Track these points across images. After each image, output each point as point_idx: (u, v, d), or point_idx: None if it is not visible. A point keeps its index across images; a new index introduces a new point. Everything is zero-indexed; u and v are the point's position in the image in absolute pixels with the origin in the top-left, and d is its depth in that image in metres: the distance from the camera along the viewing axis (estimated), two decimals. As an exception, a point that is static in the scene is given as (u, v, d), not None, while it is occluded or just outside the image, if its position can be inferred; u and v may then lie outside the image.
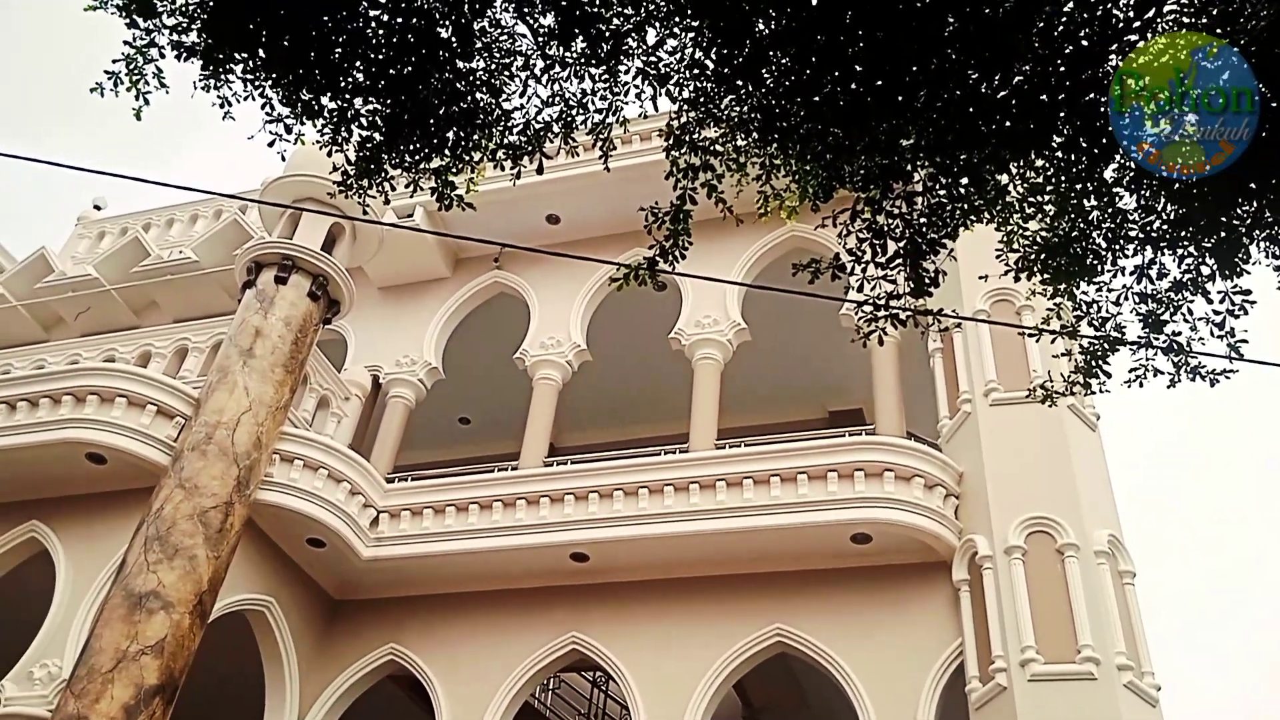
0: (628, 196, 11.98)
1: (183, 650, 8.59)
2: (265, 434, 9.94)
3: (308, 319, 10.94)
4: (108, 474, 9.99)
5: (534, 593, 10.67)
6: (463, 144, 4.58)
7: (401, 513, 11.01)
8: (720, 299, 12.12)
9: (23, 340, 15.16)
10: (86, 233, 17.80)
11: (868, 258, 4.65)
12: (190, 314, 14.23)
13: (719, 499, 9.93)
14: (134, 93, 4.45)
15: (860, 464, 9.66)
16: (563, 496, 10.49)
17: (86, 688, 8.11)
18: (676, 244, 4.91)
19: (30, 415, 10.15)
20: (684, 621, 10.00)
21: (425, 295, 13.92)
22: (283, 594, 10.55)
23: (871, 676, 9.14)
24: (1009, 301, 10.27)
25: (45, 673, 8.83)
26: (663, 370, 13.48)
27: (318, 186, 11.39)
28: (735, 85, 4.37)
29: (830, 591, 9.80)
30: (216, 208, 16.46)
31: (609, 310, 13.09)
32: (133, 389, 10.02)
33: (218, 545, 9.11)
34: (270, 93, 4.42)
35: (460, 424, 16.00)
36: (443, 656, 10.53)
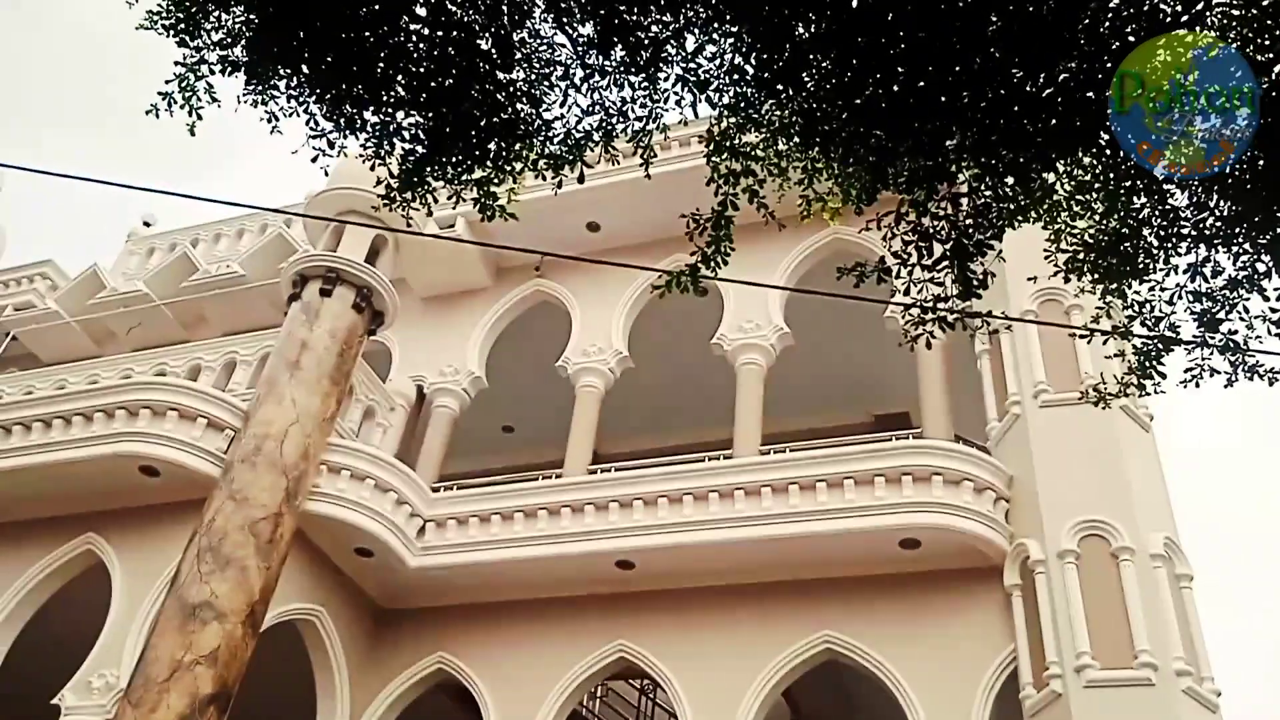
0: (668, 202, 11.97)
1: (236, 660, 8.71)
2: (312, 445, 10.05)
3: (352, 330, 11.06)
4: (160, 486, 10.16)
5: (580, 600, 10.67)
6: (504, 155, 4.60)
7: (447, 522, 11.07)
8: (762, 303, 12.07)
9: (76, 356, 15.49)
10: (136, 249, 18.15)
11: (913, 260, 4.60)
12: (238, 327, 14.44)
13: (764, 505, 9.87)
14: (187, 110, 4.54)
15: (908, 468, 9.55)
16: (607, 504, 10.49)
17: (143, 697, 8.24)
18: (719, 250, 4.89)
19: (85, 429, 10.35)
20: (731, 629, 9.95)
21: (468, 305, 14.02)
22: (332, 603, 10.66)
23: (922, 683, 9.02)
24: (1057, 301, 10.12)
25: (103, 682, 8.99)
26: (705, 376, 13.44)
27: (361, 199, 11.52)
28: (776, 90, 4.35)
29: (879, 598, 9.69)
30: (262, 222, 16.70)
31: (650, 316, 13.08)
32: (183, 402, 10.19)
33: (268, 556, 9.22)
34: (314, 108, 4.47)
35: (504, 432, 16.07)
36: (490, 665, 10.57)
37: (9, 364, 16.25)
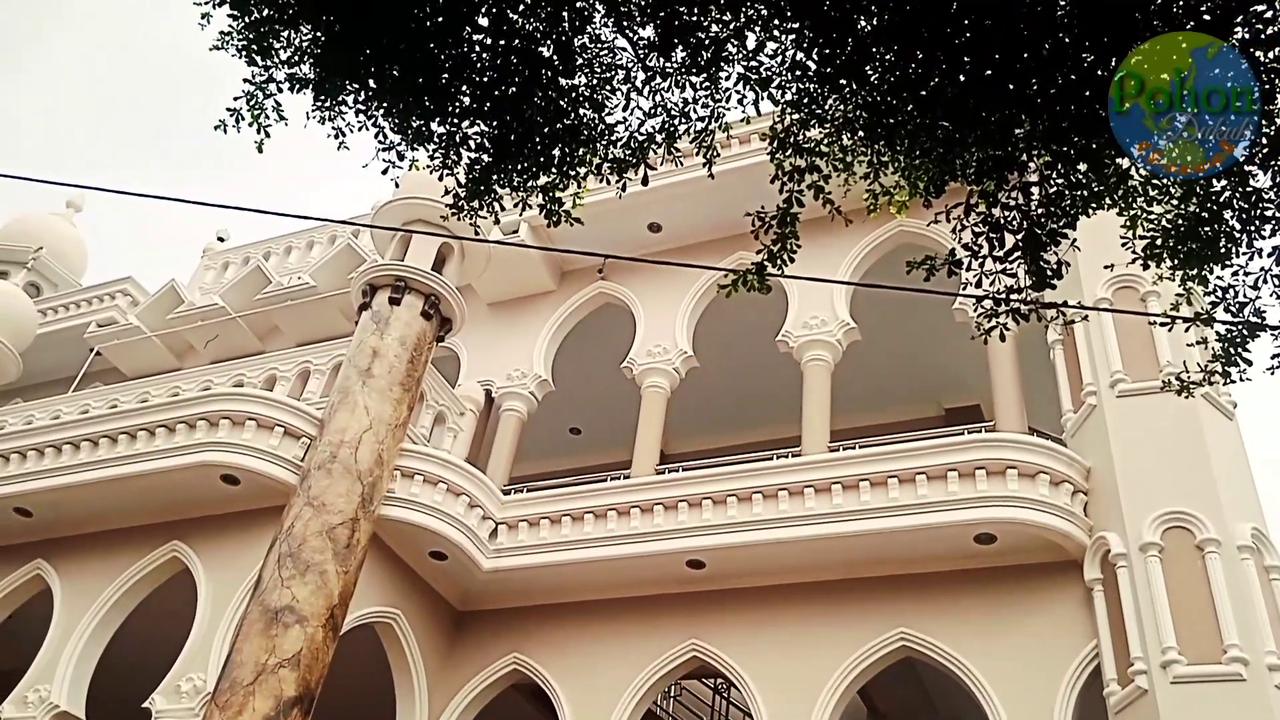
0: (730, 201, 12.00)
1: (317, 663, 8.90)
2: (386, 451, 10.23)
3: (422, 338, 11.23)
4: (241, 494, 10.43)
5: (652, 600, 10.69)
6: (568, 160, 4.64)
7: (519, 524, 11.18)
8: (828, 299, 11.97)
9: (157, 369, 15.97)
10: (212, 264, 18.66)
11: (985, 252, 4.53)
12: (311, 337, 14.76)
13: (835, 503, 9.79)
14: (255, 127, 4.65)
15: (981, 462, 9.40)
16: (676, 504, 10.49)
17: (230, 700, 8.46)
18: (784, 248, 4.87)
19: (168, 440, 10.67)
20: (805, 627, 9.89)
21: (533, 309, 14.14)
22: (409, 606, 10.83)
23: (1002, 680, 8.87)
24: (1133, 288, 9.86)
25: (191, 686, 9.26)
26: (771, 373, 13.38)
27: (427, 208, 11.69)
28: (839, 84, 4.31)
29: (955, 594, 9.55)
30: (331, 233, 17.05)
31: (714, 315, 13.06)
32: (261, 412, 10.44)
33: (346, 560, 9.41)
34: (382, 121, 4.55)
35: (571, 434, 16.18)
36: (565, 665, 10.65)
37: (93, 379, 16.82)
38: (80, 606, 10.63)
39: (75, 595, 10.80)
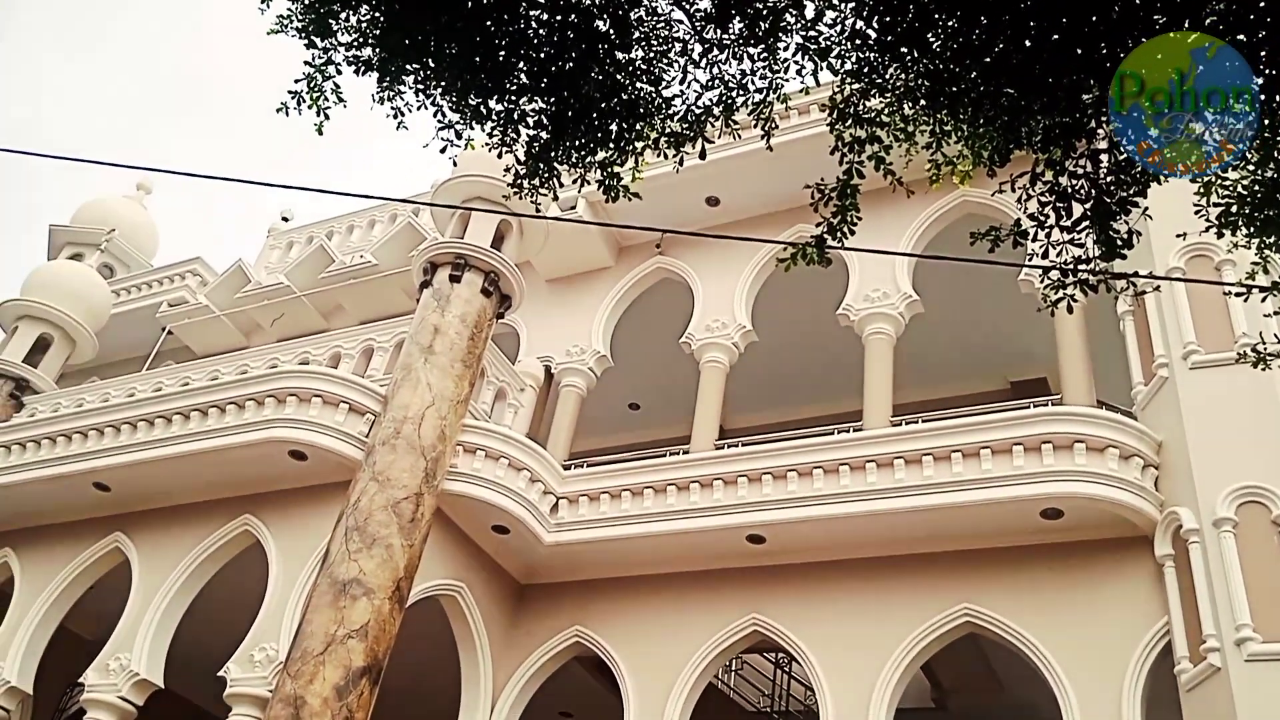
0: (788, 173, 11.86)
1: (385, 634, 9.09)
2: (448, 427, 10.36)
3: (482, 314, 11.33)
4: (308, 469, 10.65)
5: (712, 574, 10.72)
6: (625, 135, 4.63)
7: (579, 498, 11.27)
8: (889, 271, 11.81)
9: (227, 347, 16.34)
10: (277, 243, 19.01)
11: (1051, 222, 4.42)
12: (374, 315, 14.97)
13: (897, 477, 9.70)
14: (315, 109, 4.71)
15: (1048, 436, 9.22)
16: (736, 479, 10.48)
17: (301, 669, 8.69)
18: (845, 220, 4.81)
19: (238, 417, 10.92)
20: (866, 602, 9.84)
21: (591, 285, 14.17)
22: (472, 579, 11.00)
23: (1070, 657, 8.74)
24: (1206, 257, 9.56)
25: (264, 655, 9.52)
26: (832, 347, 13.26)
27: (486, 186, 11.76)
28: (900, 53, 4.23)
29: (1021, 569, 9.42)
30: (392, 212, 17.25)
31: (773, 289, 12.97)
32: (327, 389, 10.64)
33: (410, 534, 9.58)
34: (440, 100, 4.58)
35: (630, 409, 16.23)
36: (626, 638, 10.74)
37: (165, 357, 17.29)
38: (157, 578, 10.97)
39: (152, 567, 11.15)
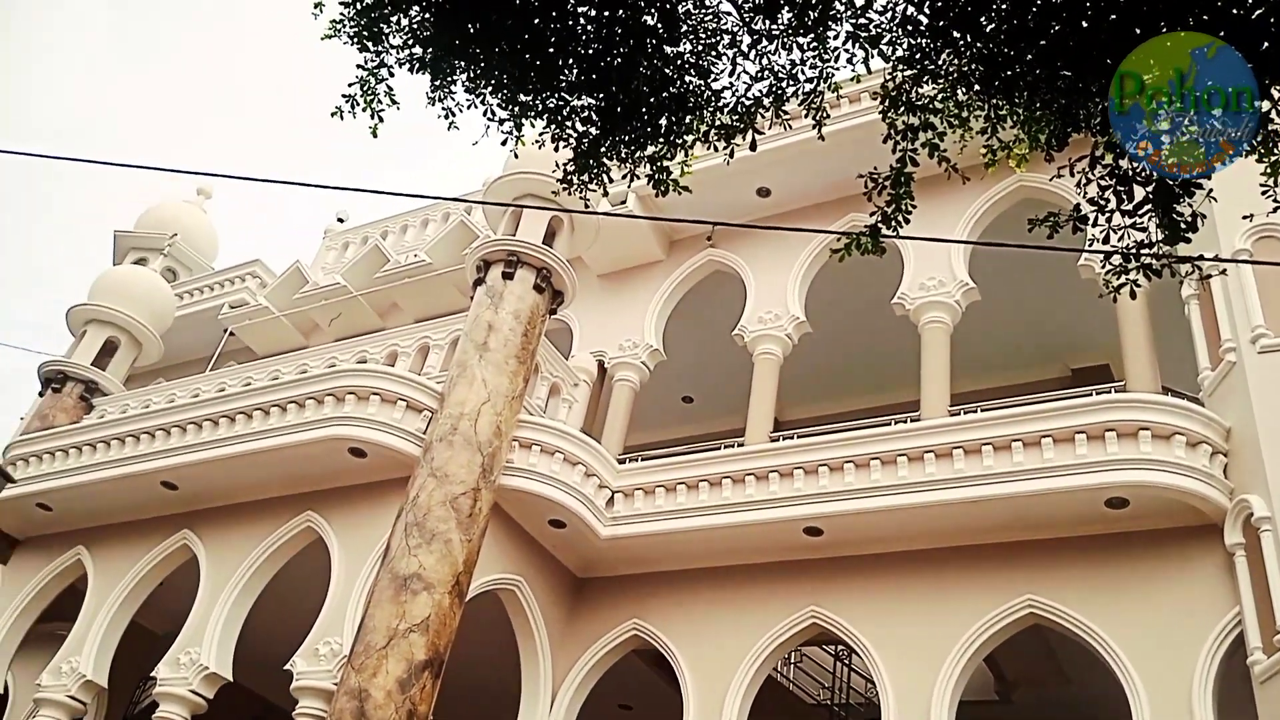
0: (840, 162, 11.76)
1: (445, 628, 9.21)
2: (504, 422, 10.45)
3: (535, 311, 11.40)
4: (368, 466, 10.80)
5: (770, 567, 10.68)
6: (675, 129, 4.62)
7: (635, 492, 11.29)
8: (945, 259, 11.64)
9: (286, 347, 16.64)
10: (333, 244, 19.30)
11: (1112, 206, 4.32)
12: (429, 313, 15.14)
13: (956, 468, 9.57)
14: (369, 112, 4.78)
15: (1111, 424, 9.03)
16: (791, 471, 10.42)
17: (364, 663, 8.84)
18: (899, 208, 4.75)
19: (299, 416, 11.11)
20: (927, 594, 9.73)
21: (642, 279, 14.18)
22: (530, 573, 11.08)
23: (1137, 648, 8.56)
24: (1274, 238, 9.28)
25: (328, 649, 9.68)
26: (887, 337, 13.13)
27: (537, 183, 11.81)
28: (952, 37, 4.17)
29: (1086, 560, 9.24)
30: (445, 211, 17.42)
31: (827, 279, 12.86)
32: (384, 386, 10.78)
33: (469, 529, 9.68)
34: (490, 99, 4.61)
35: (683, 403, 16.22)
36: (684, 631, 10.74)
37: (227, 358, 17.65)
38: (224, 574, 11.21)
39: (219, 563, 11.40)
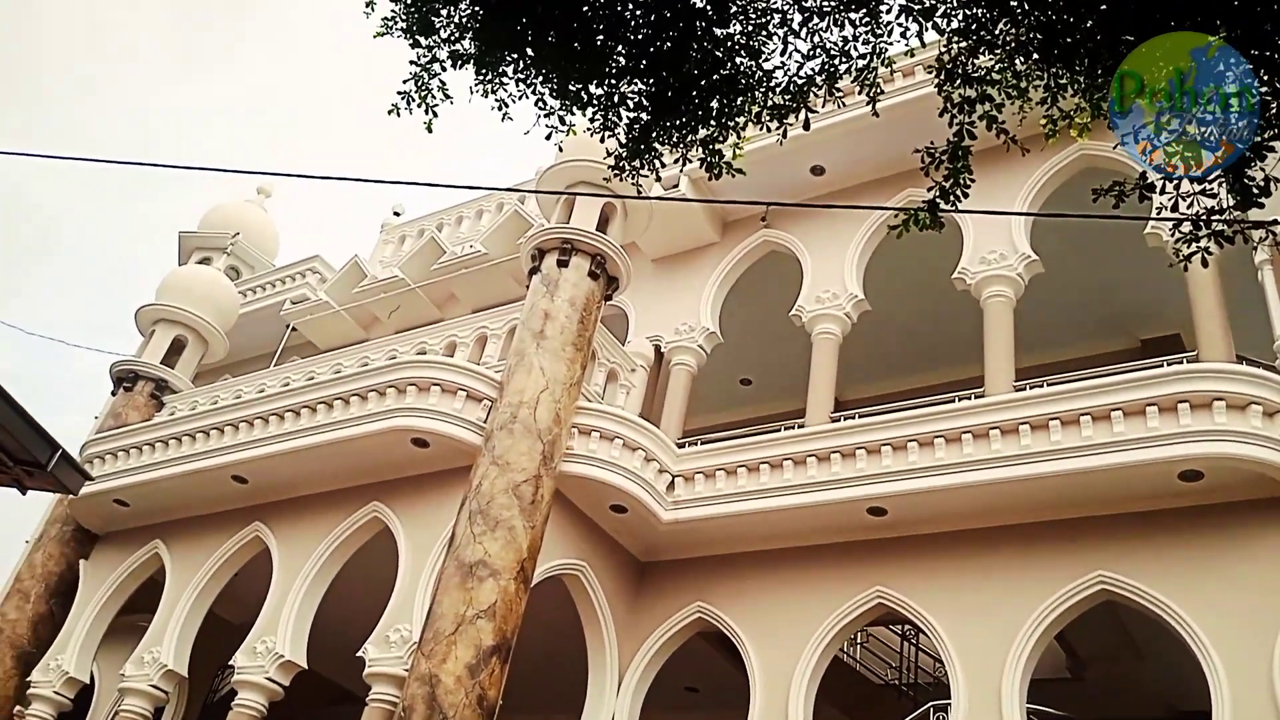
0: (896, 137, 11.58)
1: (512, 613, 9.31)
2: (563, 410, 10.51)
3: (590, 298, 11.43)
4: (431, 456, 10.94)
5: (834, 548, 10.61)
6: (727, 111, 4.58)
7: (695, 476, 11.28)
8: (1006, 232, 11.42)
9: (347, 341, 16.90)
10: (390, 238, 19.54)
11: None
12: (485, 303, 15.25)
13: (1023, 444, 9.41)
14: (424, 108, 4.81)
15: (1184, 395, 8.80)
16: (854, 451, 10.33)
17: (434, 649, 8.98)
18: (957, 183, 4.67)
19: (362, 408, 11.29)
20: (994, 572, 9.60)
21: (697, 262, 14.13)
22: (594, 558, 11.15)
23: (1214, 623, 8.35)
24: (1353, 198, 8.96)
25: (399, 636, 9.85)
26: (949, 313, 12.93)
27: (589, 169, 11.82)
28: (1009, 6, 4.07)
29: (1159, 534, 9.04)
30: (499, 201, 17.52)
31: (884, 256, 12.70)
32: (444, 377, 10.90)
33: (532, 516, 9.77)
34: (541, 88, 4.62)
35: (742, 385, 16.17)
36: (749, 613, 10.73)
37: (290, 353, 17.98)
38: (296, 564, 11.45)
39: (291, 554, 11.65)
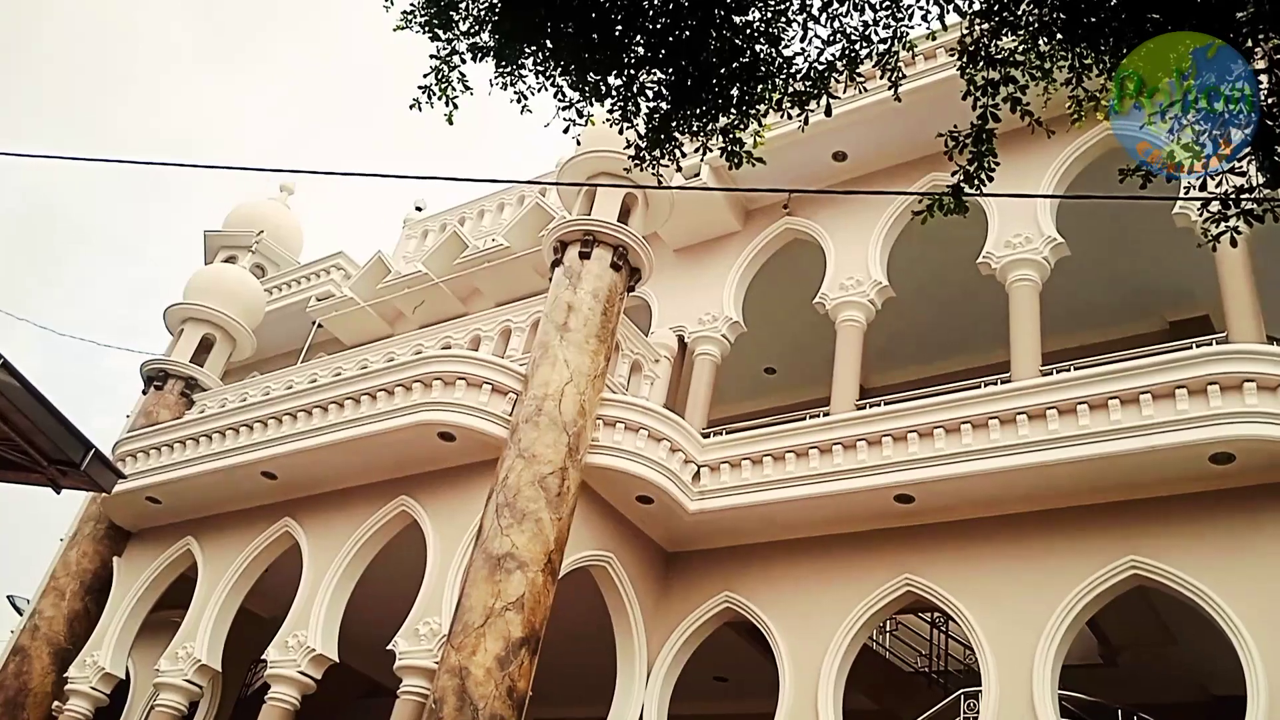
0: (918, 122, 11.50)
1: (540, 605, 9.35)
2: (587, 401, 10.53)
3: (613, 289, 11.43)
4: (457, 449, 10.99)
5: (861, 536, 10.58)
6: (747, 99, 4.56)
7: (720, 466, 11.27)
8: (1031, 215, 11.31)
9: (373, 337, 17.00)
10: (412, 233, 19.61)
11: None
12: (509, 296, 15.29)
13: (1051, 429, 9.33)
14: (444, 100, 4.82)
15: (1214, 377, 8.70)
16: (880, 439, 10.29)
17: (464, 641, 9.04)
18: (981, 166, 4.62)
19: (388, 403, 11.35)
20: (1024, 558, 9.54)
21: (719, 251, 14.09)
22: (621, 549, 11.17)
23: (1250, 608, 8.26)
24: (1387, 174, 8.80)
25: (428, 629, 9.91)
26: (974, 298, 12.85)
27: (609, 160, 11.81)
28: (1032, -14, 4.03)
29: (1191, 518, 8.95)
30: (520, 194, 17.54)
31: (908, 242, 12.61)
32: (470, 371, 10.93)
33: (558, 508, 9.80)
34: (560, 80, 4.61)
35: (766, 374, 16.13)
36: (777, 602, 10.72)
37: (317, 349, 18.10)
38: (326, 559, 11.55)
39: (321, 549, 11.74)
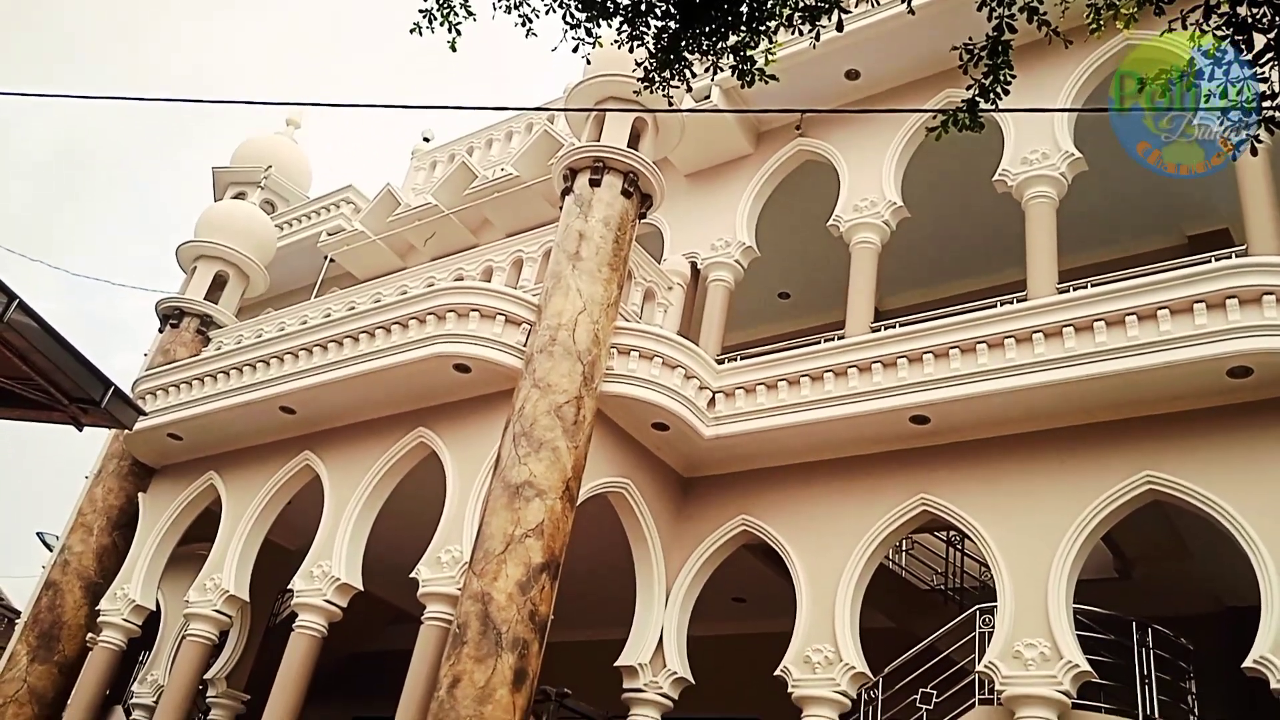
0: (933, 36, 11.26)
1: (559, 532, 9.48)
2: (601, 330, 10.53)
3: (624, 216, 11.35)
4: (473, 381, 11.04)
5: (877, 458, 10.63)
6: (757, 15, 4.45)
7: (735, 391, 11.30)
8: (1048, 130, 11.10)
9: (385, 270, 16.97)
10: (421, 164, 19.45)
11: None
12: (520, 226, 15.20)
13: (1067, 346, 9.30)
14: (446, 26, 4.72)
15: (1232, 290, 8.62)
16: (895, 361, 10.27)
17: (485, 568, 9.19)
18: (997, 80, 4.52)
19: (403, 336, 11.38)
20: (1040, 476, 9.58)
21: (731, 175, 13.93)
22: (637, 476, 11.27)
23: (1266, 520, 8.29)
24: None
25: (450, 557, 10.08)
26: (989, 216, 12.70)
27: (618, 84, 11.62)
28: (1050, -112, 3.88)
29: (1206, 432, 8.94)
30: (528, 122, 17.34)
31: (923, 161, 12.43)
32: (482, 302, 10.93)
33: (574, 436, 9.87)
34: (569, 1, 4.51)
35: (780, 299, 16.07)
36: (793, 525, 10.83)
37: (330, 284, 18.11)
38: (347, 491, 11.70)
39: (341, 481, 11.90)
